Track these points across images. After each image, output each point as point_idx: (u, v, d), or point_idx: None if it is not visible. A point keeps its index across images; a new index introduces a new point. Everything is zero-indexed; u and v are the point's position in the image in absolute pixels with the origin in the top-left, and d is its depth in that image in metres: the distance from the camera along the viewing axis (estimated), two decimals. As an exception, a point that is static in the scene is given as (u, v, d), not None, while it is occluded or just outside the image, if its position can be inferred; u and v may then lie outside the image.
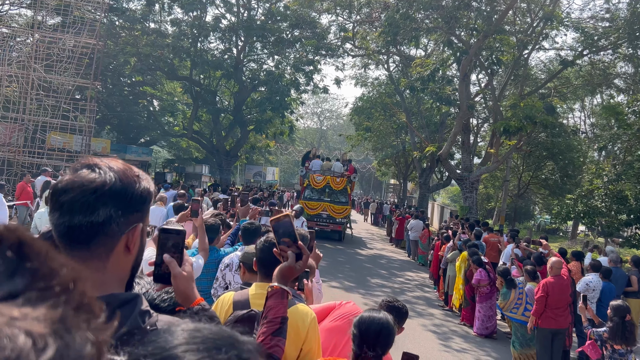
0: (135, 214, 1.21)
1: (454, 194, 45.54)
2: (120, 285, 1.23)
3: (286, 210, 5.81)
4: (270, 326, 1.89)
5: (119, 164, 1.21)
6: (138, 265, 1.29)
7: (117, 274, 1.21)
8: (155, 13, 28.57)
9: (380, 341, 2.39)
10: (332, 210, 20.17)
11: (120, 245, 1.20)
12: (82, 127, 19.65)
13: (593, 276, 8.40)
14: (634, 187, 18.12)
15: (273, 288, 1.96)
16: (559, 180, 25.67)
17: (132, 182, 1.20)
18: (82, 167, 1.17)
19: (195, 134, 31.65)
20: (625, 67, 22.30)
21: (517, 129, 17.49)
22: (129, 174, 1.21)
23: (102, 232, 1.15)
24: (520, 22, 22.12)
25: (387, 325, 2.42)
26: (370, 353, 2.36)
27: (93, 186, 1.13)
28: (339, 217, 20.38)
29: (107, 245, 1.18)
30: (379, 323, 2.41)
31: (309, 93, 32.76)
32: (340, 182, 20.52)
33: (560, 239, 30.88)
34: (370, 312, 2.48)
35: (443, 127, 27.87)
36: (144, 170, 8.23)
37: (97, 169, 1.16)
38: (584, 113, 34.25)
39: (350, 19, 24.54)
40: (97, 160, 1.20)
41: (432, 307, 11.74)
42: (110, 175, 1.16)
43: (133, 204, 1.20)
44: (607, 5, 19.52)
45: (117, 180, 1.16)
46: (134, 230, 1.22)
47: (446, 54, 21.70)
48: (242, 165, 46.35)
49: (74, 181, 1.14)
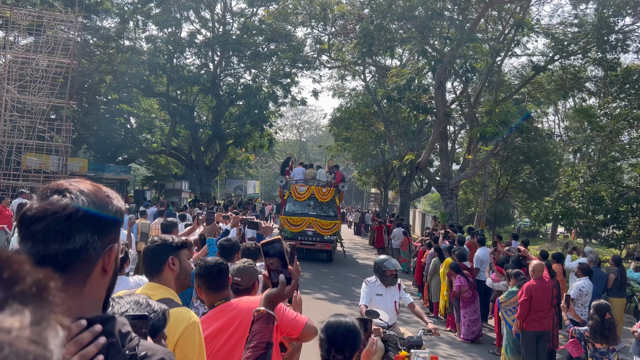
0: (110, 236, 1.19)
1: (434, 201, 45.88)
2: (97, 307, 1.20)
3: (266, 223, 5.83)
4: (255, 351, 1.87)
5: (88, 186, 1.18)
6: (113, 285, 1.26)
7: (94, 297, 1.19)
8: (130, 30, 28.46)
9: (348, 344, 2.41)
10: (318, 226, 17.54)
11: (97, 269, 1.17)
12: (58, 147, 19.38)
13: (584, 280, 8.47)
14: (609, 187, 18.51)
15: (259, 312, 1.93)
16: (537, 183, 26.07)
17: (105, 204, 1.18)
18: (52, 192, 1.14)
19: (173, 150, 31.46)
20: (595, 70, 22.83)
21: (493, 134, 17.76)
22: (100, 195, 1.18)
23: (78, 258, 1.12)
24: (492, 29, 22.55)
25: (354, 328, 2.45)
26: (338, 356, 2.38)
27: (66, 213, 1.10)
28: (327, 233, 17.67)
29: (84, 271, 1.14)
30: (346, 327, 2.44)
31: (287, 105, 32.88)
32: (327, 193, 17.98)
33: (540, 242, 31.29)
34: (337, 316, 2.50)
35: (421, 135, 28.15)
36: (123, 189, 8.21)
37: (68, 194, 1.13)
38: (558, 117, 34.95)
39: (326, 31, 24.75)
40: (66, 185, 1.16)
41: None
42: (82, 200, 1.13)
43: (108, 226, 1.17)
44: (575, 11, 20.03)
45: (90, 204, 1.14)
46: (110, 251, 1.19)
47: (421, 63, 21.98)
48: (222, 180, 46.14)
49: (45, 209, 1.10)
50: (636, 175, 19.65)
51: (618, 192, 18.29)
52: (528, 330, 7.47)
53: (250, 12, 29.45)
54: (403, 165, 24.46)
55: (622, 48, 18.90)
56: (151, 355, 1.20)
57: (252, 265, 3.63)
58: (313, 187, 18.03)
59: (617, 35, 18.99)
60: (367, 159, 35.95)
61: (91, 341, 1.07)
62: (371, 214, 33.34)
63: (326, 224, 17.66)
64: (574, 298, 8.02)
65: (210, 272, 3.01)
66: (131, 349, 1.16)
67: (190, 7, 27.56)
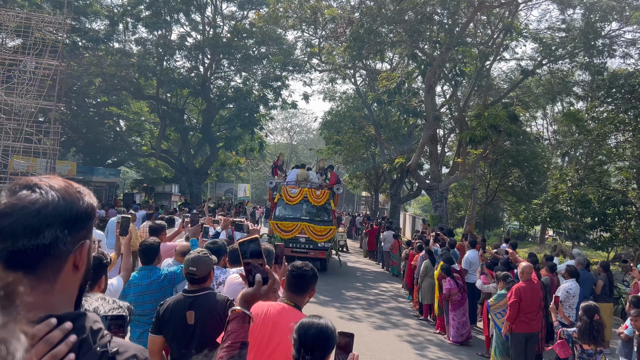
0: (81, 232, 1.18)
1: (424, 204, 46.05)
2: (70, 304, 1.19)
3: (253, 225, 5.89)
4: (229, 350, 1.87)
5: (59, 182, 1.18)
6: (86, 282, 1.25)
7: (65, 294, 1.17)
8: (119, 33, 28.34)
9: (319, 345, 2.37)
10: (312, 232, 16.14)
11: (68, 265, 1.16)
12: (46, 150, 19.21)
13: (571, 282, 8.53)
14: (597, 190, 18.68)
15: (235, 312, 1.94)
16: (525, 186, 26.24)
17: (76, 200, 1.17)
18: (21, 188, 1.12)
19: (163, 153, 31.33)
20: (583, 75, 23.08)
21: (482, 138, 17.87)
22: (71, 191, 1.17)
23: (48, 254, 1.11)
24: (482, 34, 22.71)
25: (326, 329, 2.40)
26: (307, 357, 2.36)
27: (36, 207, 1.09)
28: (322, 240, 16.21)
29: (55, 267, 1.13)
30: (317, 327, 2.40)
31: (278, 109, 32.91)
32: (320, 196, 16.60)
33: (529, 244, 31.49)
34: (311, 317, 2.48)
35: (411, 138, 28.27)
36: (112, 192, 8.17)
37: (38, 189, 1.12)
38: (546, 120, 35.23)
39: (316, 34, 24.79)
40: (36, 180, 1.15)
41: (407, 317, 11.80)
42: (52, 195, 1.12)
43: (79, 221, 1.16)
44: (563, 16, 20.24)
45: (60, 199, 1.13)
46: (81, 248, 1.18)
47: (411, 67, 22.08)
48: (212, 183, 45.98)
49: (14, 204, 1.09)
50: (623, 179, 19.85)
51: (605, 195, 18.47)
52: (517, 332, 7.52)
53: (241, 15, 29.46)
54: (393, 168, 24.51)
55: (609, 53, 19.12)
56: (123, 352, 1.19)
57: (207, 255, 3.74)
58: (306, 189, 16.65)
59: (603, 40, 19.21)
60: (358, 162, 36.00)
61: (62, 339, 1.06)
62: (362, 217, 33.37)
63: (320, 229, 16.24)
64: (561, 299, 8.09)
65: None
66: (102, 345, 1.15)
67: (181, 9, 27.51)
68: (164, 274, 4.72)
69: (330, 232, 16.41)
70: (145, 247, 4.76)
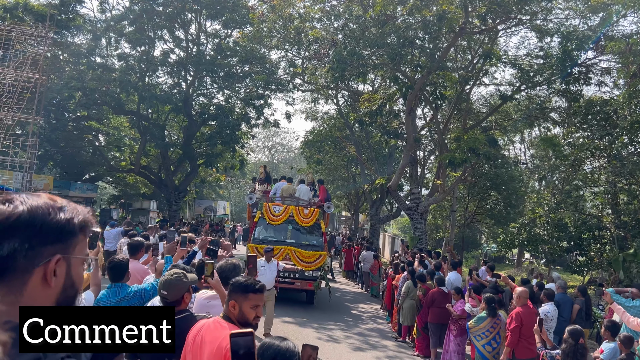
0: (52, 246, 1.17)
1: (404, 225, 46.20)
2: None
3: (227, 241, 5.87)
4: None
5: (40, 198, 1.19)
6: (69, 298, 1.24)
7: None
8: (102, 47, 28.17)
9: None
10: (298, 258, 13.75)
11: (34, 279, 1.15)
12: (22, 163, 18.88)
13: (549, 306, 8.60)
14: (573, 215, 19.00)
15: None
16: (503, 209, 26.56)
17: (45, 214, 1.17)
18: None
19: (142, 168, 30.99)
20: (560, 101, 23.59)
21: (461, 160, 18.09)
22: (45, 206, 1.18)
23: (9, 267, 1.12)
24: (462, 59, 23.16)
25: (285, 352, 2.37)
26: None
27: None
28: (310, 268, 13.77)
29: (18, 279, 1.14)
30: (276, 350, 2.37)
31: (260, 127, 32.88)
32: (309, 215, 14.40)
33: (506, 267, 31.75)
34: (273, 338, 2.46)
35: (391, 159, 28.48)
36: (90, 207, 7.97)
37: (8, 203, 1.14)
38: (524, 145, 35.87)
39: (299, 55, 24.98)
40: (15, 196, 1.17)
41: (386, 339, 11.75)
42: (20, 209, 1.14)
43: (44, 235, 1.16)
44: (541, 44, 20.71)
45: (25, 213, 1.14)
46: (50, 263, 1.17)
47: (392, 89, 22.34)
48: (191, 200, 45.56)
49: None
50: (598, 204, 20.23)
51: (581, 219, 18.79)
52: (521, 359, 7.47)
53: (225, 34, 29.55)
54: (374, 189, 24.61)
55: (585, 80, 19.61)
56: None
57: (180, 278, 3.71)
58: (292, 207, 14.48)
59: (579, 68, 19.72)
60: (339, 181, 36.13)
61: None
62: (342, 237, 33.36)
63: (308, 255, 13.86)
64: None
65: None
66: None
67: (165, 26, 27.50)
68: (133, 291, 4.65)
69: (320, 259, 13.95)
70: (114, 264, 4.69)
